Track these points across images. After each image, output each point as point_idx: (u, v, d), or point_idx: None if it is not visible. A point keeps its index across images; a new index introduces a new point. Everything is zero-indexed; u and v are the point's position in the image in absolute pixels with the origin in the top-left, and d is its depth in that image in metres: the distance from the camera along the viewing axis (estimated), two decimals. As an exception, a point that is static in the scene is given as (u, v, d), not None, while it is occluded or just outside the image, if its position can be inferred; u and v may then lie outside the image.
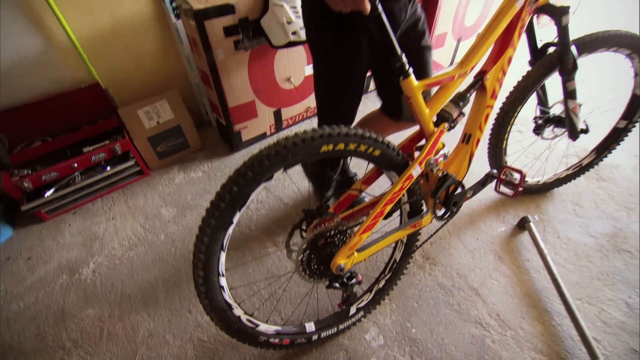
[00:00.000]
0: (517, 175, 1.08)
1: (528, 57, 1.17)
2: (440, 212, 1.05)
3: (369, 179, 0.99)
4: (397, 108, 1.09)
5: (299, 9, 1.42)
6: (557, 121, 1.32)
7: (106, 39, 1.56)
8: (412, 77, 0.83)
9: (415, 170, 0.87)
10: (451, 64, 2.44)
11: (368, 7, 0.65)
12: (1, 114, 1.47)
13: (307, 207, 0.95)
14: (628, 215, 1.50)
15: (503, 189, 1.10)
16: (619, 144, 1.48)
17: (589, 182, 1.65)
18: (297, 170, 1.73)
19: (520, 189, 1.06)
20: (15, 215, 1.63)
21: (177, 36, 1.67)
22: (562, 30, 1.03)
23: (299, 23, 1.43)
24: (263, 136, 1.87)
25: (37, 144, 1.59)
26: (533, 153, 1.69)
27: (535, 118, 1.35)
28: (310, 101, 1.91)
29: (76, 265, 1.41)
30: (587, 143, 1.52)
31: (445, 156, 0.97)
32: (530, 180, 1.54)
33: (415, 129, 0.98)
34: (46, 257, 1.46)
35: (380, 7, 0.72)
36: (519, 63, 1.20)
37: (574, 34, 1.04)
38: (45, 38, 1.43)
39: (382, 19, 0.74)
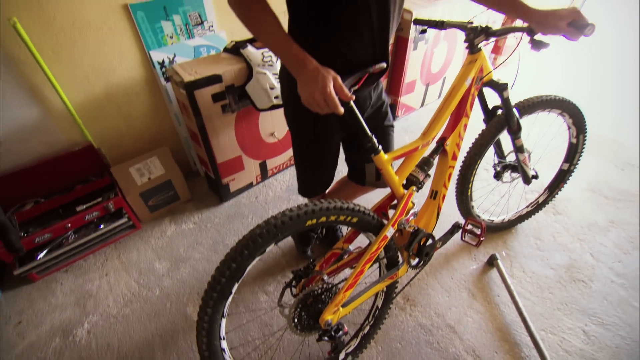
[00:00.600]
0: (478, 227, 1.23)
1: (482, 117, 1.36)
2: (414, 262, 1.17)
3: (350, 238, 1.12)
4: (361, 176, 1.24)
5: (281, 76, 1.59)
6: (513, 168, 1.51)
7: (100, 103, 1.66)
8: (382, 153, 0.97)
9: (390, 231, 1.00)
10: (422, 105, 2.67)
11: (342, 110, 0.78)
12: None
13: (295, 262, 1.06)
14: (581, 247, 1.68)
15: (468, 238, 1.25)
16: (565, 183, 1.69)
17: (547, 216, 1.84)
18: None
19: (482, 239, 1.21)
20: (3, 278, 1.63)
21: (166, 97, 1.80)
22: (505, 101, 1.23)
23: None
24: (250, 185, 1.99)
25: (30, 205, 1.64)
26: (499, 192, 1.88)
27: (494, 166, 1.53)
28: (294, 151, 2.05)
29: (70, 327, 1.44)
30: (542, 182, 1.72)
31: (415, 214, 1.11)
32: (496, 219, 1.71)
33: (387, 191, 1.12)
34: (37, 320, 1.46)
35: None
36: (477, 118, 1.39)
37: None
38: (42, 108, 1.52)
39: (354, 109, 0.89)
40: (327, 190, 1.37)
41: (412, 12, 1.98)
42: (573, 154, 1.58)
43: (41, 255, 1.57)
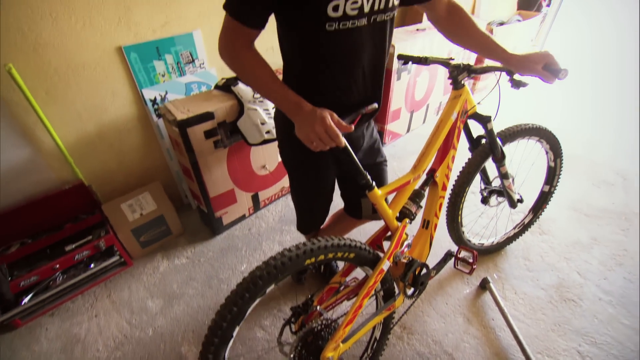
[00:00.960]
0: (470, 255, 1.27)
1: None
2: (409, 292, 1.19)
3: (347, 272, 1.13)
4: (357, 210, 1.28)
5: (271, 111, 1.64)
6: (498, 192, 1.57)
7: (91, 140, 1.66)
8: (376, 189, 1.01)
9: (386, 265, 1.03)
10: (408, 131, 2.77)
11: (343, 141, 0.81)
12: None
13: (291, 294, 1.06)
14: (567, 265, 1.74)
15: (460, 266, 1.28)
16: (548, 204, 1.76)
17: (533, 236, 1.90)
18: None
19: (475, 267, 1.25)
20: (-16, 325, 1.56)
21: (157, 133, 1.82)
22: (489, 133, 1.29)
23: (271, 123, 1.63)
24: (242, 218, 1.99)
25: (16, 247, 1.59)
26: (487, 215, 1.93)
27: (481, 191, 1.59)
28: (285, 181, 2.08)
29: (57, 375, 1.38)
30: (526, 203, 1.78)
31: (409, 245, 1.14)
32: (486, 242, 1.76)
33: (381, 222, 1.15)
34: (21, 371, 1.40)
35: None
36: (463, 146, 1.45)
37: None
38: (33, 148, 1.51)
39: (348, 148, 0.92)
40: (323, 224, 1.39)
41: (395, 46, 2.09)
42: (552, 176, 1.67)
43: (26, 299, 1.52)
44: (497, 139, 1.34)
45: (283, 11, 0.80)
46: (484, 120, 1.27)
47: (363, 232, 1.83)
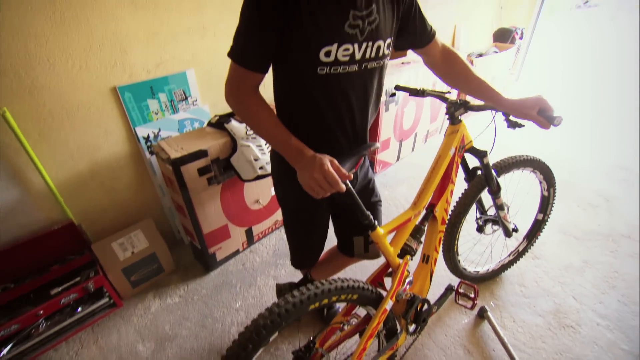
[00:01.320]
0: (471, 290, 1.27)
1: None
2: (411, 328, 1.18)
3: (348, 311, 1.12)
4: (350, 248, 1.28)
5: (264, 147, 1.65)
6: (494, 221, 1.60)
7: (83, 179, 1.64)
8: (378, 228, 1.01)
9: (389, 304, 1.02)
10: (397, 159, 2.83)
11: (343, 187, 0.81)
12: None
13: (290, 334, 1.02)
14: (562, 290, 1.76)
15: (462, 302, 1.28)
16: (541, 232, 1.80)
17: (527, 261, 1.93)
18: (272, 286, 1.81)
19: (476, 302, 1.25)
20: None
21: (150, 169, 1.80)
22: (485, 167, 1.33)
23: (265, 159, 1.64)
24: (236, 253, 1.96)
25: None
26: (482, 243, 1.95)
27: (476, 220, 1.62)
28: (278, 215, 2.08)
29: None
30: (520, 231, 1.82)
31: (410, 282, 1.14)
32: (481, 269, 1.77)
33: (377, 261, 1.15)
34: None
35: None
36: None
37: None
38: (22, 189, 1.48)
39: (351, 189, 0.92)
40: (317, 260, 1.38)
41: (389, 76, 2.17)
42: (546, 205, 1.71)
43: (5, 351, 1.41)
44: (493, 172, 1.37)
45: (279, 54, 0.83)
46: (480, 155, 1.31)
47: (363, 268, 1.82)
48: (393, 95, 2.37)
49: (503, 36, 3.88)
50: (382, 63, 0.91)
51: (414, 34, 1.00)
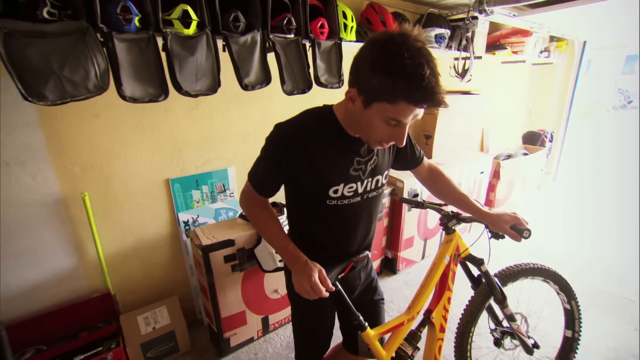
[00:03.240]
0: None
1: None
2: None
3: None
4: (354, 346, 1.28)
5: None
6: (512, 334, 1.50)
7: (127, 254, 1.88)
8: (369, 329, 1.05)
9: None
10: (422, 258, 2.81)
11: (325, 294, 0.92)
12: (14, 326, 1.59)
13: None
14: None
15: None
16: (576, 352, 1.61)
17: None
18: None
19: None
20: None
21: (184, 250, 2.02)
22: (484, 274, 1.35)
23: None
24: (250, 340, 1.98)
25: (30, 353, 1.64)
26: None
27: (491, 332, 1.53)
28: (295, 304, 2.12)
29: None
30: (549, 352, 1.65)
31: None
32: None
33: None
34: None
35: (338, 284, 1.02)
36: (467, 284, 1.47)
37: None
38: (79, 258, 1.73)
39: (341, 294, 1.02)
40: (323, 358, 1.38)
41: (404, 182, 2.33)
42: (571, 319, 1.58)
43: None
44: (495, 280, 1.37)
45: (292, 187, 1.03)
46: (477, 263, 1.34)
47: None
48: (416, 196, 2.48)
49: (532, 139, 4.01)
50: (380, 191, 1.08)
51: (405, 160, 1.19)
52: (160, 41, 1.31)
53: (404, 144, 0.88)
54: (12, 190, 1.48)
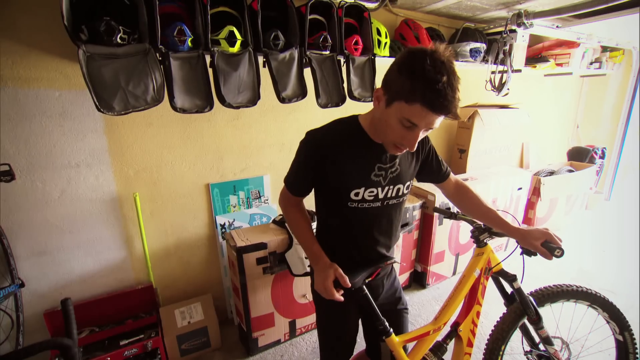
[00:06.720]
0: None
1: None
2: None
3: None
4: (377, 353, 1.30)
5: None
6: (549, 359, 1.43)
7: (168, 251, 2.04)
8: (393, 335, 1.08)
9: None
10: (454, 274, 2.74)
11: (339, 297, 0.97)
12: (75, 306, 1.78)
13: None
14: None
15: None
16: (627, 390, 1.49)
17: None
18: None
19: None
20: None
21: (220, 252, 2.15)
22: (517, 292, 1.30)
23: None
24: (277, 342, 2.05)
25: (86, 333, 1.84)
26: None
27: (525, 354, 1.46)
28: (322, 309, 2.16)
29: None
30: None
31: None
32: None
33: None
34: None
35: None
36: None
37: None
38: (128, 252, 1.92)
39: (367, 296, 1.06)
40: None
41: (435, 195, 2.32)
42: (625, 354, 1.45)
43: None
44: (530, 299, 1.32)
45: (319, 188, 1.11)
46: (509, 279, 1.30)
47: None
48: (448, 209, 2.44)
49: (579, 155, 3.77)
50: (401, 200, 1.12)
51: (431, 173, 1.22)
52: (208, 58, 1.46)
53: (415, 149, 0.94)
54: (80, 188, 1.70)
